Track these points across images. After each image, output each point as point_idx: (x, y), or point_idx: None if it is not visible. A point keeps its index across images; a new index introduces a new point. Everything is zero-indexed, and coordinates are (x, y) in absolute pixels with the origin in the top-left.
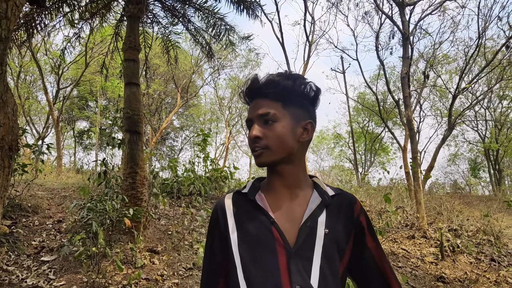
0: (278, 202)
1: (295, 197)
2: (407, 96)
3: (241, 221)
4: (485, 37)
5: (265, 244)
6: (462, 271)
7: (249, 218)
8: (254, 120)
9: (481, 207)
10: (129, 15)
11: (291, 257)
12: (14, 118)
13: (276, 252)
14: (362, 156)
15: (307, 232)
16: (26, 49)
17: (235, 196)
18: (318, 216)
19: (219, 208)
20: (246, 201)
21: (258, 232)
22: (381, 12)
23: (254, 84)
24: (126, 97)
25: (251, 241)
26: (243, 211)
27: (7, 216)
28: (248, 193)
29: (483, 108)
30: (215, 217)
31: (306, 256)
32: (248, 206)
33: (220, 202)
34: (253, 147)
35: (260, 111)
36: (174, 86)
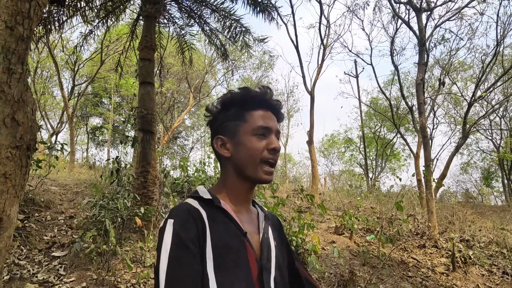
0: (239, 214)
1: (249, 211)
2: (422, 102)
3: (214, 228)
4: (503, 45)
5: (238, 254)
6: (474, 283)
7: (221, 226)
8: (273, 132)
9: (494, 217)
10: (146, 14)
11: (263, 269)
12: (33, 117)
13: (248, 264)
14: (373, 161)
15: (266, 245)
16: (43, 45)
17: (199, 202)
18: (268, 230)
19: (193, 211)
20: (212, 208)
21: (232, 242)
22: (398, 17)
23: (273, 97)
24: (140, 96)
25: (225, 250)
26: (214, 218)
27: (20, 211)
28: (214, 200)
29: (499, 117)
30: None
31: (268, 267)
32: (217, 214)
33: (189, 206)
34: (274, 159)
35: (277, 127)
36: (187, 86)
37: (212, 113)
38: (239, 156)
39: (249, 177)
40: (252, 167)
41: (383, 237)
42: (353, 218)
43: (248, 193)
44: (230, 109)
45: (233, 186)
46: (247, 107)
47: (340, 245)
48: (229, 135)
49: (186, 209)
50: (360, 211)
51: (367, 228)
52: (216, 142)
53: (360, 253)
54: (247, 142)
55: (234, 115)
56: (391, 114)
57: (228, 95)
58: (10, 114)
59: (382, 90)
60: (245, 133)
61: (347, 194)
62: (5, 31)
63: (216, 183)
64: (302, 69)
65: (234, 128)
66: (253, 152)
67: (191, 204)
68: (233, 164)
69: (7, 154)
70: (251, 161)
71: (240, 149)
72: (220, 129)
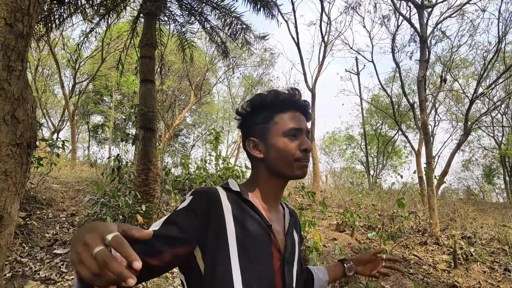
0: (267, 211)
1: (277, 209)
2: (423, 100)
3: (239, 218)
4: (505, 41)
5: (262, 245)
6: (475, 280)
7: (247, 217)
8: (304, 132)
9: (495, 214)
10: (146, 12)
11: (284, 261)
12: (33, 115)
13: (271, 255)
14: (374, 158)
15: (291, 239)
16: (44, 43)
17: (226, 191)
18: (293, 226)
19: (212, 194)
20: (238, 200)
21: (257, 233)
22: (399, 14)
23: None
24: (141, 93)
25: (249, 239)
26: (239, 208)
27: (22, 208)
28: (242, 193)
29: (500, 113)
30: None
31: (291, 260)
32: (243, 205)
33: (212, 189)
34: (306, 158)
35: (307, 127)
36: (188, 83)
37: (243, 116)
38: (272, 157)
39: (283, 174)
40: (287, 165)
41: (385, 234)
42: (355, 215)
43: (279, 191)
44: (260, 112)
45: (264, 184)
46: (277, 110)
47: (342, 242)
48: (261, 137)
49: (209, 189)
50: (362, 208)
51: (369, 225)
52: (249, 144)
53: (361, 250)
54: (279, 143)
55: (265, 118)
56: (392, 111)
57: (257, 98)
58: (10, 112)
59: (383, 87)
60: (276, 135)
61: (348, 192)
62: (4, 28)
63: (247, 181)
64: (303, 66)
65: (266, 130)
66: (286, 154)
67: (216, 189)
68: (266, 165)
69: (7, 151)
70: (285, 161)
71: (272, 150)
72: (252, 131)
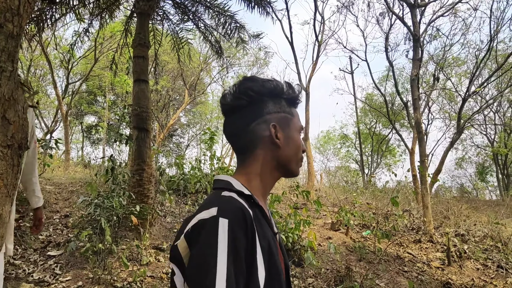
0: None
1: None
2: (416, 98)
3: (259, 231)
4: (497, 40)
5: (277, 258)
6: (469, 277)
7: (263, 228)
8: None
9: (488, 212)
10: (139, 11)
11: (287, 269)
12: (24, 116)
13: (281, 266)
14: (369, 157)
15: (282, 243)
16: (36, 43)
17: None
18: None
19: (246, 213)
20: (252, 205)
21: (272, 244)
22: (392, 14)
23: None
24: (134, 94)
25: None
26: (257, 218)
27: None
28: (253, 197)
29: (493, 112)
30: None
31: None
32: (257, 213)
33: (239, 204)
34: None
35: None
36: (182, 83)
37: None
38: (287, 150)
39: (289, 170)
40: (295, 161)
41: (379, 233)
42: (349, 214)
43: (272, 186)
44: (278, 100)
45: (266, 177)
46: (292, 103)
47: (337, 241)
48: (282, 126)
49: (240, 209)
50: (356, 207)
51: (363, 224)
52: (272, 129)
53: (356, 249)
54: (296, 138)
55: (285, 107)
56: (386, 110)
57: (279, 85)
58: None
59: (377, 86)
60: (294, 129)
61: (343, 190)
62: None
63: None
64: (297, 65)
65: (288, 121)
66: (298, 150)
67: (240, 201)
68: (277, 156)
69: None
70: (295, 157)
71: (290, 143)
72: (273, 117)
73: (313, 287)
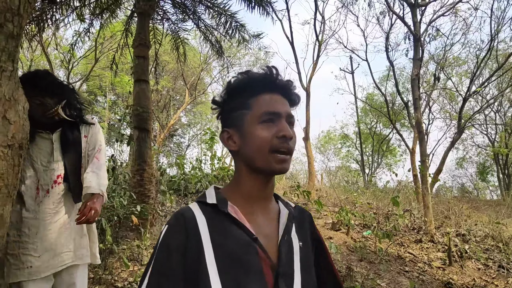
0: (252, 216)
1: (267, 209)
2: (417, 98)
3: (217, 238)
4: (497, 39)
5: (249, 264)
6: (470, 277)
7: (226, 234)
8: (282, 117)
9: (489, 212)
10: (139, 11)
11: (279, 276)
12: (25, 116)
13: (262, 273)
14: (369, 157)
15: (287, 246)
16: (36, 43)
17: (202, 207)
18: (291, 229)
19: (187, 219)
20: (217, 214)
21: (239, 251)
22: (392, 13)
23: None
24: (135, 94)
25: (230, 260)
26: (216, 226)
27: None
28: (219, 205)
29: (493, 111)
30: (180, 228)
31: (288, 273)
32: (221, 220)
33: (187, 211)
34: (285, 147)
35: (289, 111)
36: (183, 83)
37: (219, 105)
38: (247, 149)
39: (260, 169)
40: (262, 158)
41: (380, 233)
42: (350, 214)
43: (262, 189)
44: (235, 98)
45: (245, 183)
46: (251, 93)
47: (337, 241)
48: (235, 127)
49: (182, 215)
50: (357, 207)
51: (364, 224)
52: (223, 135)
53: (357, 249)
54: (253, 131)
55: (238, 104)
56: (386, 110)
57: (231, 83)
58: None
59: (378, 86)
60: (251, 122)
61: (343, 190)
62: None
63: (231, 180)
64: (297, 65)
65: (239, 118)
66: (260, 142)
67: (190, 208)
68: (242, 158)
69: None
70: (260, 152)
71: (246, 141)
72: (227, 121)
73: None
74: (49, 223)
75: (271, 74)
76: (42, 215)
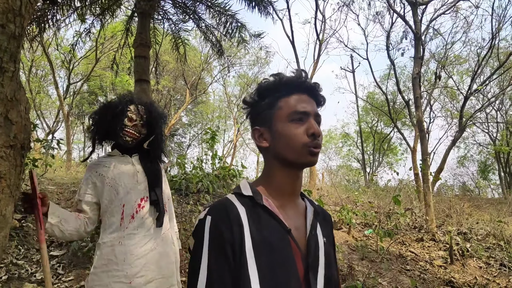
0: (284, 209)
1: (296, 204)
2: (418, 97)
3: (254, 228)
4: (499, 37)
5: (282, 253)
6: (471, 275)
7: (262, 225)
8: (311, 116)
9: (491, 210)
10: (140, 11)
11: (308, 267)
12: (26, 116)
13: (294, 263)
14: (370, 156)
15: (314, 241)
16: (37, 44)
17: (239, 199)
18: (316, 225)
19: (230, 210)
20: (254, 206)
21: (275, 240)
22: (393, 12)
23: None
24: (136, 94)
25: (267, 249)
26: (255, 217)
27: (17, 210)
28: (255, 197)
29: (495, 110)
30: (226, 220)
31: (315, 265)
32: (258, 212)
33: (228, 204)
34: (315, 144)
35: (316, 110)
36: (184, 83)
37: (249, 105)
38: (278, 145)
39: (292, 163)
40: (294, 152)
41: (381, 231)
42: (351, 213)
43: (293, 183)
44: (265, 99)
45: (276, 177)
46: (281, 94)
47: (339, 240)
48: (266, 125)
49: (224, 206)
50: (358, 206)
51: (365, 223)
52: (254, 133)
53: (358, 248)
54: (284, 130)
55: (268, 104)
56: (387, 109)
57: (262, 84)
58: (3, 113)
59: (379, 84)
60: (280, 121)
61: (344, 189)
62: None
63: (261, 175)
64: (298, 64)
65: (270, 117)
66: (292, 140)
67: (230, 200)
68: (273, 154)
69: (1, 153)
70: (291, 148)
71: (278, 137)
72: (257, 119)
73: None
74: (134, 248)
75: (300, 77)
76: (127, 241)
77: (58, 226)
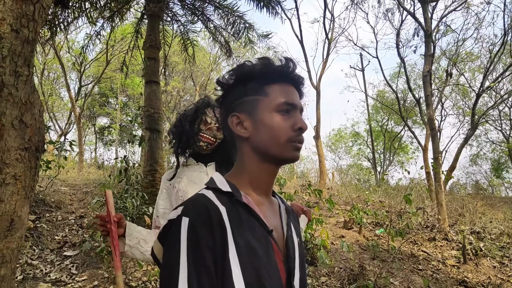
0: (261, 206)
1: (271, 201)
2: (429, 94)
3: (236, 231)
4: (511, 34)
5: (267, 258)
6: (485, 275)
7: (243, 226)
8: (298, 109)
9: (505, 209)
10: (149, 13)
11: (290, 271)
12: (40, 119)
13: (277, 267)
14: (381, 155)
15: (291, 243)
16: (49, 47)
17: (217, 196)
18: (291, 225)
19: (211, 211)
20: (233, 204)
21: (258, 245)
22: (403, 9)
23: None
24: (146, 95)
25: (252, 255)
26: (234, 217)
27: (31, 211)
28: (234, 194)
29: (508, 107)
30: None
31: (294, 268)
32: (238, 210)
33: (206, 200)
34: (300, 140)
35: (301, 104)
36: (193, 84)
37: (226, 87)
38: (260, 136)
39: (274, 157)
40: (277, 146)
41: (393, 231)
42: (362, 212)
43: (271, 179)
44: (247, 83)
45: (253, 171)
46: (267, 80)
47: (350, 239)
48: (247, 112)
49: (204, 206)
50: (369, 205)
51: (376, 222)
52: (232, 120)
53: (369, 247)
54: (270, 120)
55: (252, 89)
56: (398, 107)
57: (245, 67)
58: (18, 116)
59: (389, 83)
60: (266, 110)
61: (355, 189)
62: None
63: (234, 168)
64: (307, 64)
65: (253, 104)
66: (278, 132)
67: (208, 198)
68: (253, 145)
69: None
70: (276, 141)
71: (261, 128)
72: (236, 105)
73: (326, 286)
74: None
75: (289, 66)
76: None
77: (137, 247)
